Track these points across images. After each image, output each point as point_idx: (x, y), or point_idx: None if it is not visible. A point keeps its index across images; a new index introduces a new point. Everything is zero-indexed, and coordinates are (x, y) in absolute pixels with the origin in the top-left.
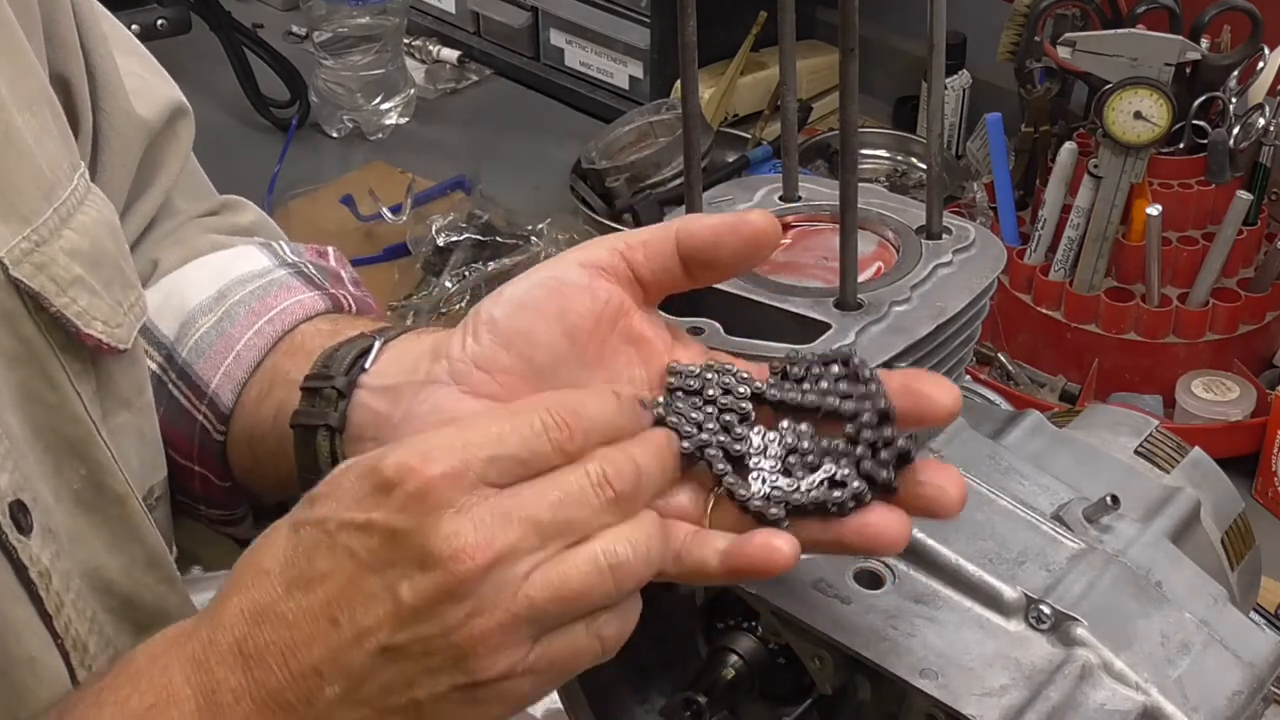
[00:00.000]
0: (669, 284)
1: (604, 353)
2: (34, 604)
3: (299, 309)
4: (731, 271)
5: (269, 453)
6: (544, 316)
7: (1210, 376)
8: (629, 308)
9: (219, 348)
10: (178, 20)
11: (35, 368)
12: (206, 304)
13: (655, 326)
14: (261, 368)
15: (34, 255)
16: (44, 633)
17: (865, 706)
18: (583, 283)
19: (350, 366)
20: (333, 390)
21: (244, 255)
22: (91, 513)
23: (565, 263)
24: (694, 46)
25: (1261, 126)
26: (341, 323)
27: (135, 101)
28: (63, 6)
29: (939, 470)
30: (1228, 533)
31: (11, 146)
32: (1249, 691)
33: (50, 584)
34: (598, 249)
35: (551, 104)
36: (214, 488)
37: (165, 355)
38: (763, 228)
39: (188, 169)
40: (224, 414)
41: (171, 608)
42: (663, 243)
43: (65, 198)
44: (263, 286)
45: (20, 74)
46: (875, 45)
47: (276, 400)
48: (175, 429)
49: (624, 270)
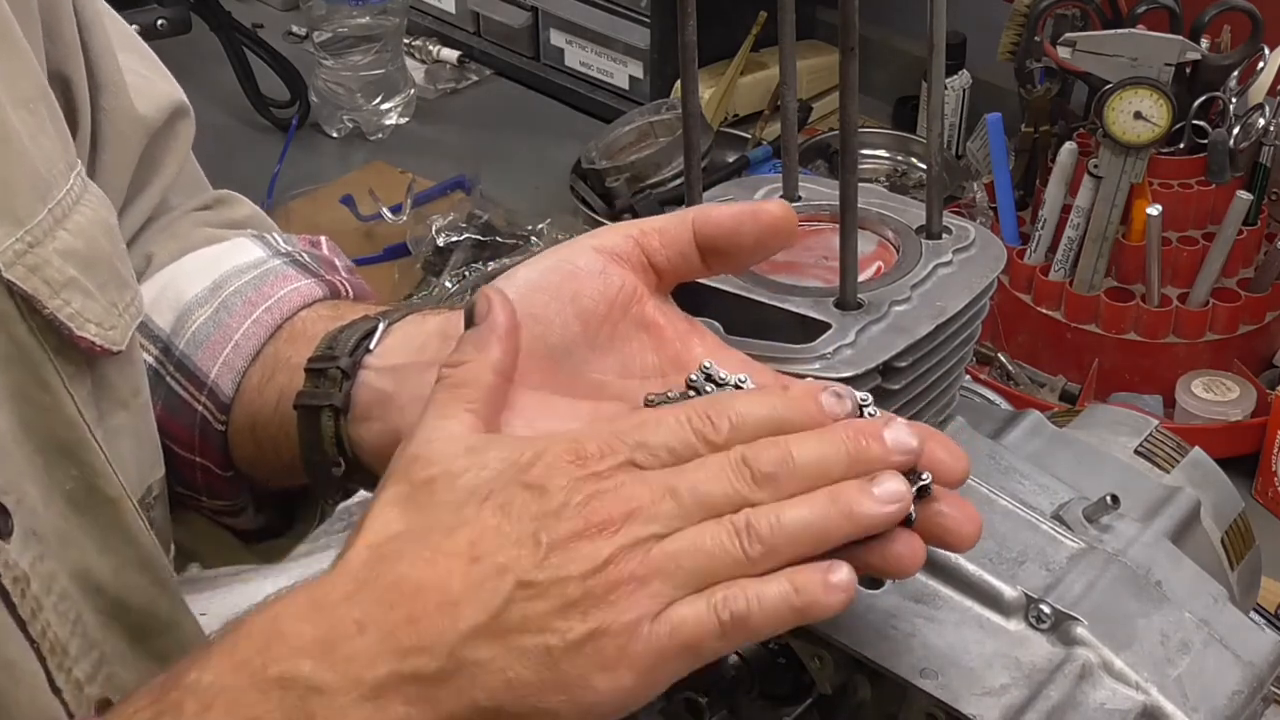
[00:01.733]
0: (685, 271)
1: (616, 337)
2: (9, 610)
3: (297, 296)
4: (749, 260)
5: (272, 438)
6: (557, 299)
7: (1210, 376)
8: (642, 294)
9: (217, 338)
10: (178, 20)
11: (28, 370)
12: (202, 296)
13: (668, 314)
14: (262, 355)
15: (27, 257)
16: (20, 637)
17: (865, 706)
18: (596, 267)
19: (355, 348)
20: (337, 371)
21: (238, 247)
22: (83, 514)
23: (579, 247)
24: (694, 46)
25: (1261, 126)
26: (343, 308)
27: (136, 99)
28: (63, 4)
29: (960, 504)
30: (1228, 533)
31: (6, 145)
32: (1249, 691)
33: (27, 588)
34: (613, 234)
35: (551, 104)
36: (215, 478)
37: (162, 348)
38: (781, 216)
39: (185, 166)
40: (224, 403)
41: (162, 610)
42: (680, 230)
43: (60, 198)
44: (258, 276)
45: (16, 72)
46: (875, 45)
47: (279, 385)
48: (174, 421)
49: (638, 257)
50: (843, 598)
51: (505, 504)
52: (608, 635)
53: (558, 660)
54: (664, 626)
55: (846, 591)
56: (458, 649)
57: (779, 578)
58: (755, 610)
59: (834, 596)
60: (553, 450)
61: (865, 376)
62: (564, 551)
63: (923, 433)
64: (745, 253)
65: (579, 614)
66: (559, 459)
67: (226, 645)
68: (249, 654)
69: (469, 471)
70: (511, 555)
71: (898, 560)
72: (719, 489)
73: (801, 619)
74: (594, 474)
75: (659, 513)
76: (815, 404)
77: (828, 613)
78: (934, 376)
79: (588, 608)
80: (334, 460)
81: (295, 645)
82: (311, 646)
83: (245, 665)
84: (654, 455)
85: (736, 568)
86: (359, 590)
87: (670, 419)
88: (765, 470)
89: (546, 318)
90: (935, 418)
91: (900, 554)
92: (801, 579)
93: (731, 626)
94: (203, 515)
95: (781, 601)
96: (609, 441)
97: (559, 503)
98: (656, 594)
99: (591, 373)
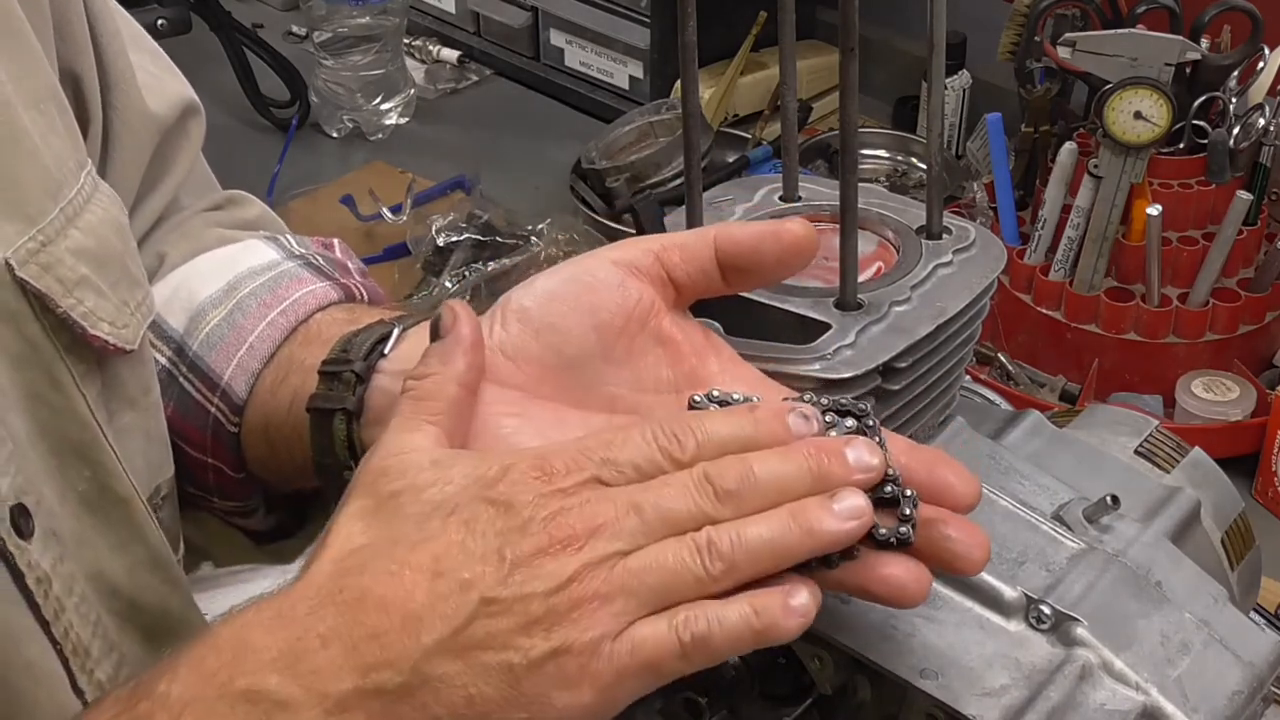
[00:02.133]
0: (704, 288)
1: (632, 351)
2: (32, 610)
3: (312, 299)
4: (771, 279)
5: (285, 440)
6: (575, 310)
7: (1210, 376)
8: (660, 309)
9: (231, 340)
10: (178, 20)
11: (40, 369)
12: (216, 297)
13: (685, 329)
14: (276, 357)
15: (40, 255)
16: (43, 638)
17: (865, 706)
18: (615, 280)
19: (369, 352)
20: (351, 374)
21: (251, 249)
22: (95, 515)
23: (599, 259)
24: (694, 46)
25: (1261, 126)
26: (358, 311)
27: (147, 97)
28: (74, 3)
29: (967, 529)
30: (1228, 533)
31: (18, 145)
32: (1249, 691)
33: (50, 589)
34: (633, 249)
35: (551, 104)
36: (227, 479)
37: (175, 349)
38: (803, 236)
39: (195, 166)
40: (237, 405)
41: (174, 609)
42: (701, 247)
43: (72, 197)
44: (273, 279)
45: (27, 72)
46: (875, 45)
47: (293, 387)
48: (187, 421)
49: (658, 271)
50: (801, 621)
51: (470, 519)
52: (570, 653)
53: (520, 678)
54: (625, 645)
55: (805, 615)
56: (420, 664)
57: (740, 600)
58: (716, 631)
59: (792, 620)
60: (518, 466)
61: (865, 377)
62: (528, 568)
63: (932, 457)
64: (767, 271)
65: (542, 631)
66: (524, 475)
67: (195, 656)
68: (216, 666)
69: (434, 486)
70: (475, 571)
71: (895, 583)
72: (682, 505)
73: (761, 641)
74: (559, 490)
75: (623, 529)
76: (781, 424)
77: (787, 635)
78: (934, 377)
79: (550, 625)
80: (345, 464)
81: (262, 659)
82: (277, 660)
83: (213, 678)
84: (620, 472)
85: (698, 585)
86: (323, 604)
87: (637, 436)
88: (728, 487)
89: (564, 328)
90: (935, 418)
91: (894, 576)
92: (762, 601)
93: (692, 647)
94: (215, 516)
95: (742, 623)
96: (575, 458)
97: (524, 518)
98: (619, 612)
99: (605, 385)
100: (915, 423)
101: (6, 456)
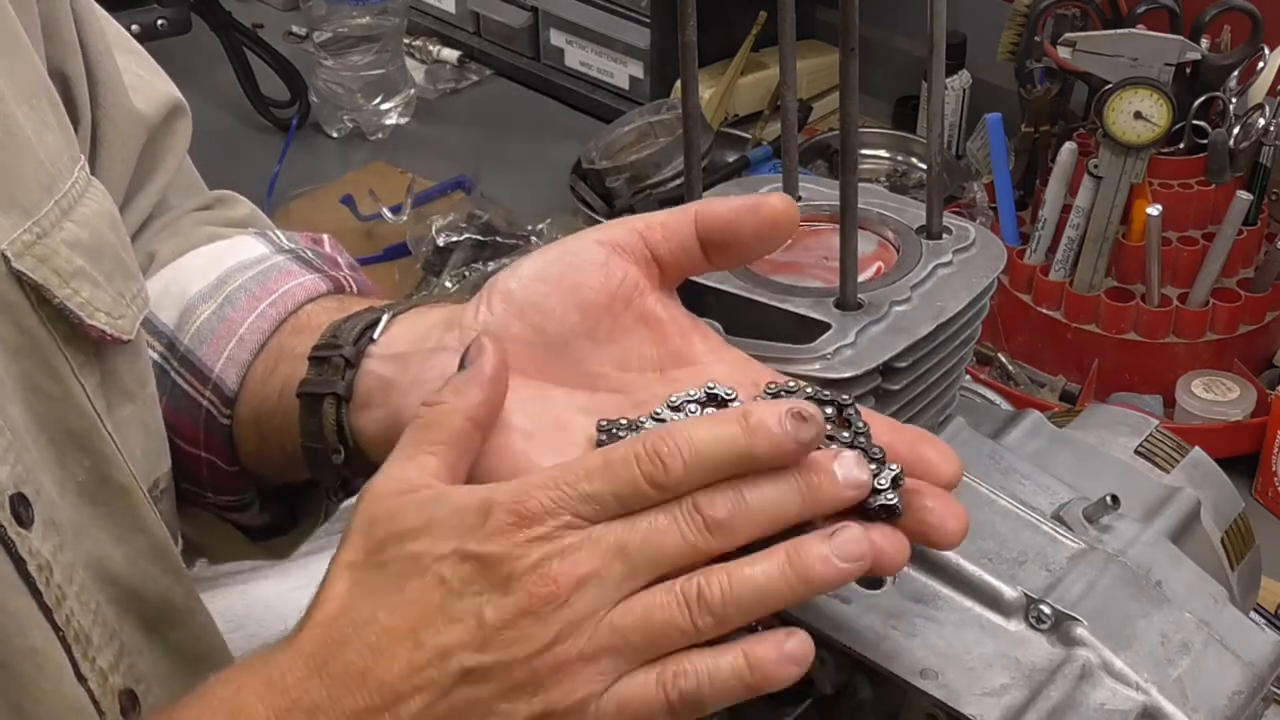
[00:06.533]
0: (688, 265)
1: (616, 330)
2: (34, 597)
3: (301, 291)
4: (750, 253)
5: (276, 429)
6: (558, 289)
7: (1210, 376)
8: (644, 288)
9: (221, 333)
10: (178, 20)
11: (38, 360)
12: (206, 291)
13: (670, 309)
14: (267, 348)
15: (36, 247)
16: (45, 625)
17: (865, 706)
18: (599, 259)
19: (359, 337)
20: (340, 359)
21: (241, 244)
22: (96, 505)
23: (583, 240)
24: (694, 46)
25: (1261, 126)
26: (348, 301)
27: (134, 97)
28: (61, 3)
29: (945, 500)
30: (1228, 533)
31: (12, 139)
32: (1249, 691)
33: (51, 577)
34: (617, 228)
35: (551, 104)
36: (221, 472)
37: (166, 344)
38: (782, 209)
39: (182, 166)
40: (229, 397)
41: (177, 599)
42: (682, 224)
43: (66, 190)
44: (262, 272)
45: (19, 68)
46: (875, 45)
47: (283, 375)
48: (180, 416)
49: (642, 250)
50: (796, 670)
51: (448, 578)
52: (554, 716)
53: None
54: (611, 704)
55: (801, 663)
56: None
57: (733, 649)
58: (706, 687)
59: (787, 670)
60: (496, 512)
61: (865, 377)
62: (511, 629)
63: (914, 436)
64: (746, 246)
65: (525, 696)
66: (503, 522)
67: (190, 717)
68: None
69: (417, 539)
70: (455, 638)
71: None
72: (670, 543)
73: (754, 692)
74: (538, 538)
75: (608, 579)
76: (779, 429)
77: (781, 685)
78: (934, 376)
79: (535, 689)
80: (335, 448)
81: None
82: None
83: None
84: (601, 507)
85: (685, 639)
86: (310, 676)
87: (619, 461)
88: (718, 516)
89: (547, 307)
90: (935, 418)
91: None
92: (757, 653)
93: (680, 705)
94: (209, 511)
95: (734, 677)
96: (554, 497)
97: (504, 574)
98: (605, 671)
99: (590, 364)
100: (915, 422)
101: (5, 446)
